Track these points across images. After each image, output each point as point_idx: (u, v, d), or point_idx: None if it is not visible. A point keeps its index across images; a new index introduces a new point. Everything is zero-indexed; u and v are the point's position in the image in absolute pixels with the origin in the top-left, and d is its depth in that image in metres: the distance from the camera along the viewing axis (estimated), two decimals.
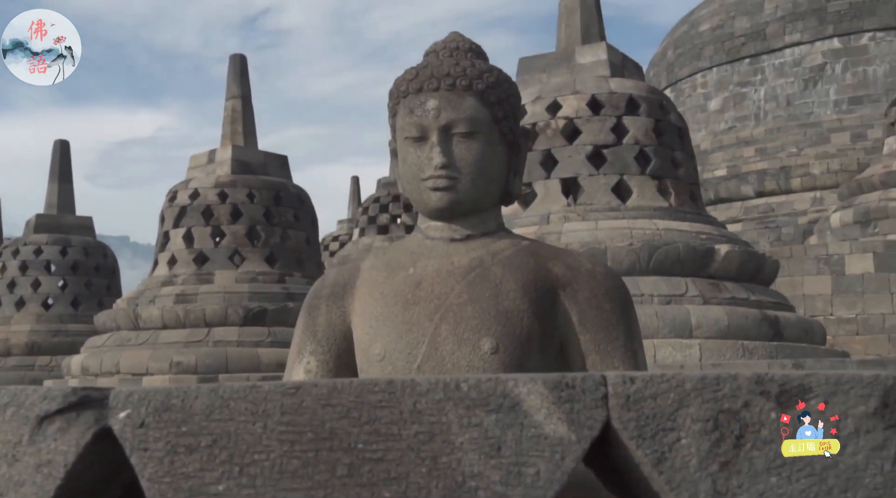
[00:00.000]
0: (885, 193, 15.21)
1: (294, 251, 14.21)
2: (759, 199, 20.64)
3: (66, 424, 1.19)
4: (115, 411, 1.18)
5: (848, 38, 22.10)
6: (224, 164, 14.40)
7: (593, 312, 2.48)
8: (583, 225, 9.75)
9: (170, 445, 1.13)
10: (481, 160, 2.55)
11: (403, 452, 1.08)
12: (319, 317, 2.70)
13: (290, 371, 2.72)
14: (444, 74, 2.60)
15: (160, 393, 1.16)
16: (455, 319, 2.45)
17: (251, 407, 1.13)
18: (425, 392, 1.09)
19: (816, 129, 21.38)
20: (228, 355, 12.92)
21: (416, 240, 2.69)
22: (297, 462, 1.10)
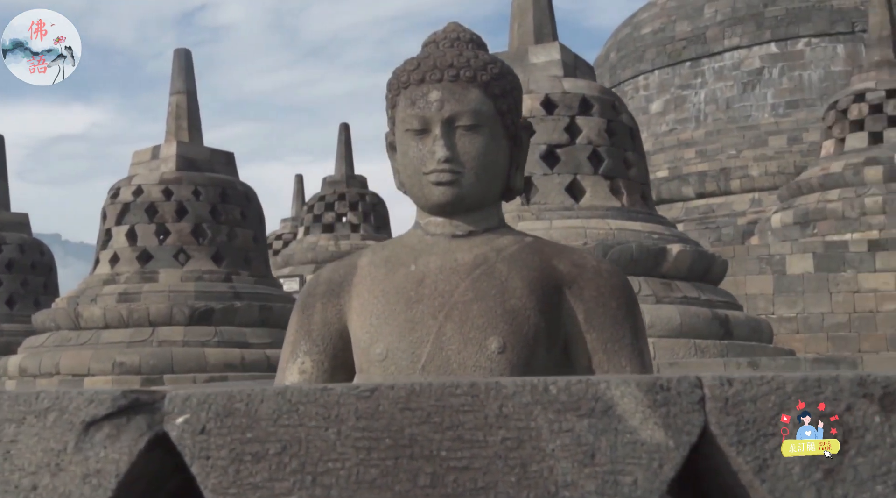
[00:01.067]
0: (824, 195, 15.53)
1: (241, 250, 13.99)
2: (699, 200, 20.94)
3: (116, 431, 1.10)
4: (171, 416, 1.10)
5: (785, 43, 22.54)
6: (169, 160, 14.11)
7: (600, 311, 2.44)
8: (537, 224, 9.75)
9: (234, 453, 1.06)
10: (485, 154, 2.49)
11: (490, 460, 1.02)
12: (314, 315, 2.62)
13: (284, 371, 2.64)
14: (447, 65, 2.53)
15: (221, 396, 1.09)
16: (461, 318, 2.39)
17: (322, 411, 1.06)
18: (511, 395, 1.04)
19: (754, 131, 21.76)
20: (174, 355, 12.67)
21: (416, 236, 2.62)
22: (375, 471, 1.03)
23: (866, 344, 14.07)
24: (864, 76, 16.28)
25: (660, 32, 23.52)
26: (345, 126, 21.50)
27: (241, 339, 13.14)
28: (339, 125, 21.45)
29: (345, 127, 21.49)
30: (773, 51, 22.32)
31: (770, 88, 22.17)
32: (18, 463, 1.12)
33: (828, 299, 14.14)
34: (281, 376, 2.65)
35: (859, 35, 22.13)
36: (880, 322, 14.04)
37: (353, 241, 19.97)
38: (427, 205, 2.55)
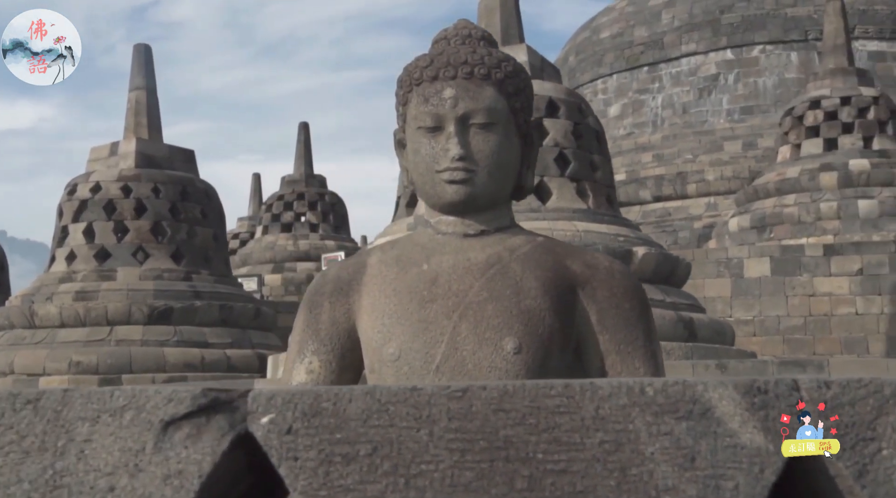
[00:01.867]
0: (780, 200, 15.77)
1: (201, 248, 13.82)
2: (656, 204, 21.15)
3: (197, 430, 1.07)
4: (255, 415, 1.07)
5: (740, 49, 22.88)
6: (128, 157, 13.90)
7: (613, 312, 2.44)
8: None
9: (323, 454, 1.03)
10: (499, 152, 2.48)
11: (589, 463, 1.00)
12: (322, 314, 2.59)
13: (291, 371, 2.60)
14: (461, 62, 2.51)
15: (307, 395, 1.06)
16: (475, 318, 2.37)
17: (414, 412, 1.03)
18: (607, 396, 1.02)
19: (710, 136, 22.04)
20: (132, 355, 12.49)
21: (427, 234, 2.60)
22: (470, 474, 1.01)
23: (821, 347, 14.32)
24: (820, 84, 16.57)
25: (618, 37, 23.72)
26: (304, 125, 21.36)
27: (200, 338, 12.99)
28: (299, 124, 21.32)
29: (304, 126, 21.35)
30: (729, 57, 22.63)
31: (726, 94, 22.48)
32: (94, 463, 1.08)
33: (784, 303, 14.37)
34: (287, 377, 2.61)
35: (812, 43, 22.54)
36: (834, 325, 14.30)
37: (312, 241, 19.85)
38: (439, 203, 2.53)
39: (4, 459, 1.11)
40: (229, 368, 12.81)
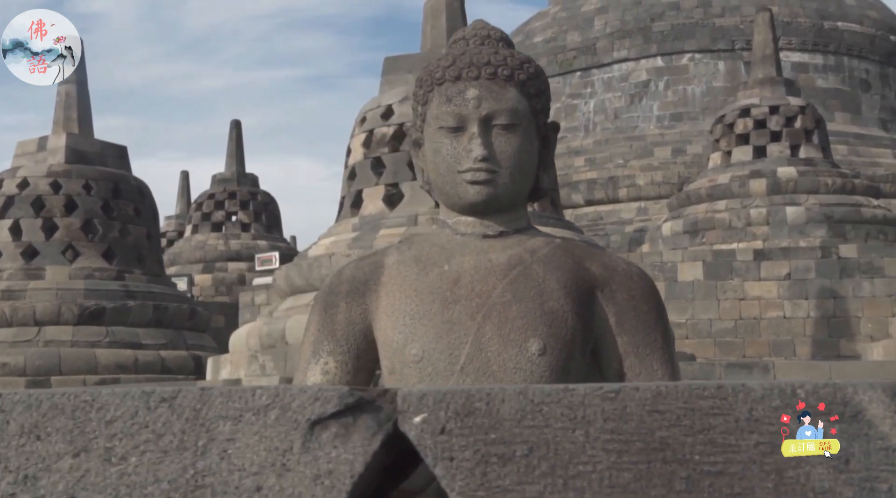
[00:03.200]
0: (712, 206, 16.13)
1: (134, 247, 13.52)
2: (588, 208, 21.44)
3: (345, 430, 1.04)
4: (406, 415, 1.05)
5: (670, 57, 23.34)
6: (57, 152, 13.51)
7: (632, 314, 2.46)
8: None
9: (479, 455, 1.02)
10: (520, 154, 2.48)
11: (745, 465, 1.01)
12: (338, 315, 2.55)
13: (305, 372, 2.56)
14: (483, 62, 2.51)
15: (458, 395, 1.04)
16: (500, 319, 2.37)
17: (568, 412, 1.03)
18: (760, 398, 1.03)
19: (641, 142, 22.43)
20: (62, 356, 12.14)
21: (444, 235, 2.58)
22: (628, 475, 1.01)
23: (750, 349, 14.69)
24: (749, 92, 17.00)
25: (551, 41, 23.98)
26: (236, 123, 21.09)
27: (133, 339, 12.70)
28: (230, 122, 21.05)
29: (236, 124, 21.08)
30: (660, 64, 23.06)
31: (656, 101, 22.90)
32: (238, 463, 1.05)
33: (716, 306, 14.70)
34: (301, 378, 2.57)
35: (739, 53, 23.12)
36: (763, 328, 14.69)
37: (244, 241, 19.60)
38: (459, 204, 2.52)
39: (140, 459, 1.07)
40: (163, 370, 12.56)
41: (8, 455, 1.11)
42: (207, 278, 19.21)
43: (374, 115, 10.65)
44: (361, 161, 10.57)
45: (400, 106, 10.44)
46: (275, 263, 17.25)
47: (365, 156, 10.53)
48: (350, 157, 10.84)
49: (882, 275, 15.07)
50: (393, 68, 11.15)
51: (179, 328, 13.35)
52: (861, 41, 24.76)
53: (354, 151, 10.73)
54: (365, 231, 10.10)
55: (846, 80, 24.55)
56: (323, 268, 9.83)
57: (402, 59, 11.25)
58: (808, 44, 24.19)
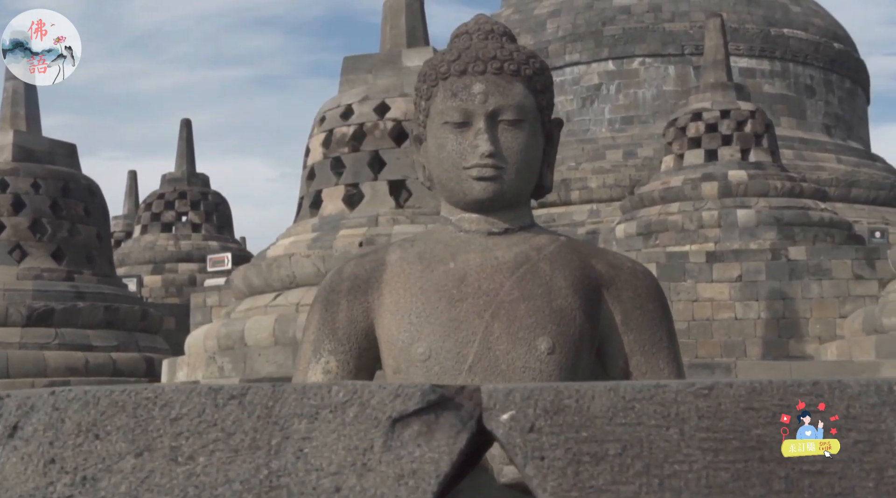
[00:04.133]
0: (665, 208, 16.30)
1: (84, 247, 13.23)
2: (541, 210, 21.51)
3: (427, 428, 1.00)
4: (492, 412, 1.00)
5: (621, 61, 23.55)
6: (4, 149, 13.18)
7: (637, 312, 2.44)
8: (413, 228, 9.75)
9: (571, 454, 0.98)
10: (526, 150, 2.45)
11: (845, 464, 0.99)
12: (339, 313, 2.49)
13: (305, 372, 2.50)
14: (490, 57, 2.47)
15: (547, 391, 1.00)
16: (508, 317, 2.34)
17: (661, 410, 0.99)
18: (857, 395, 1.01)
19: (593, 145, 22.60)
20: (10, 358, 11.84)
21: (448, 232, 2.54)
22: (725, 474, 0.98)
23: (702, 350, 14.85)
24: (701, 97, 17.21)
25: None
26: (186, 122, 20.79)
27: (84, 341, 12.43)
28: (181, 121, 20.73)
29: (186, 123, 20.78)
30: (611, 68, 23.25)
31: (607, 104, 23.09)
32: (315, 462, 0.99)
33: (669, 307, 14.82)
34: (302, 377, 2.50)
35: (688, 58, 23.42)
36: (715, 330, 14.87)
37: (195, 242, 19.32)
38: (464, 200, 2.47)
39: (209, 459, 1.01)
40: (115, 373, 12.31)
41: (64, 455, 1.04)
42: (157, 279, 18.90)
43: (333, 115, 10.56)
44: (321, 161, 10.48)
45: (360, 106, 10.37)
46: (227, 264, 17.02)
47: (324, 156, 10.44)
48: (309, 157, 10.74)
49: (829, 277, 15.34)
50: (352, 68, 11.07)
51: (131, 330, 13.10)
52: (806, 48, 25.25)
53: (313, 151, 10.63)
54: (325, 231, 10.02)
55: (792, 86, 25.02)
56: (282, 268, 9.72)
57: (362, 59, 11.18)
58: (756, 50, 24.60)
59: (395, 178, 10.20)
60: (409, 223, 9.87)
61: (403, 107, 10.32)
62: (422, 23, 11.38)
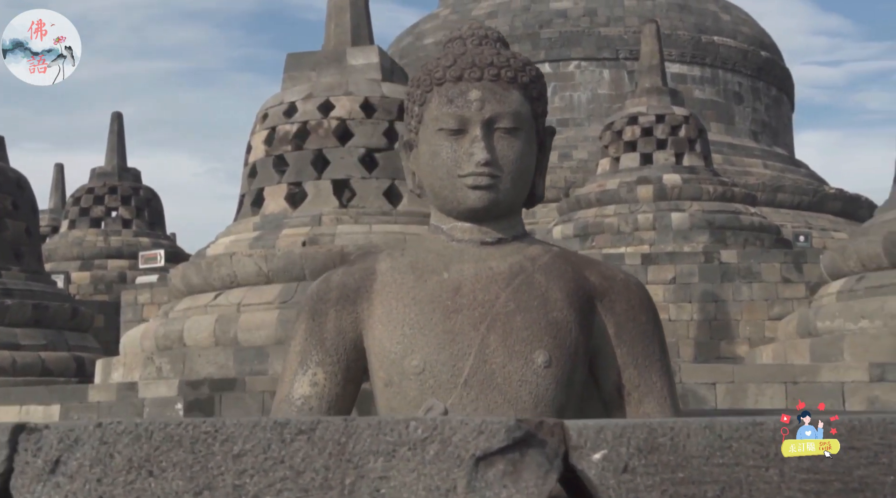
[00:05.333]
0: (601, 210, 16.44)
1: (12, 242, 12.79)
2: None
3: (513, 467, 0.94)
4: (582, 451, 0.95)
5: (557, 64, 23.73)
6: None
7: (630, 325, 2.42)
8: (357, 228, 9.64)
9: (667, 495, 0.93)
10: (522, 158, 2.41)
11: None
12: (327, 323, 2.42)
13: (291, 383, 2.41)
14: (486, 63, 2.42)
15: (640, 429, 0.95)
16: (504, 330, 2.29)
17: (759, 449, 0.95)
18: None
19: None
20: None
21: (439, 241, 2.48)
22: None
23: None
24: (637, 101, 17.41)
25: (441, 44, 24.00)
26: (117, 115, 20.27)
27: (11, 340, 12.02)
28: (112, 114, 20.22)
29: (117, 116, 20.26)
30: (547, 70, 23.37)
31: None
32: None
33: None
34: (287, 389, 2.42)
35: (622, 62, 23.69)
36: None
37: (125, 238, 18.85)
38: (458, 209, 2.42)
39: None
40: (44, 372, 11.93)
41: (114, 493, 0.96)
42: (85, 276, 18.39)
43: (276, 112, 10.37)
44: (263, 159, 10.28)
45: (304, 103, 10.21)
46: (160, 261, 16.65)
47: (267, 153, 10.25)
48: (251, 155, 10.53)
49: (759, 280, 15.65)
50: (296, 65, 10.89)
51: (60, 328, 12.71)
52: (735, 55, 25.76)
53: (255, 149, 10.43)
54: (267, 230, 9.83)
55: (721, 92, 25.51)
56: (223, 267, 9.51)
57: (306, 56, 11.01)
58: (687, 56, 25.01)
59: (339, 178, 10.07)
60: (353, 223, 9.75)
61: (348, 105, 10.20)
62: (367, 21, 11.26)
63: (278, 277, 9.35)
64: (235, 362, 8.90)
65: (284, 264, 9.32)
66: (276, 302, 9.18)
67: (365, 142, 10.07)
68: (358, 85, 10.39)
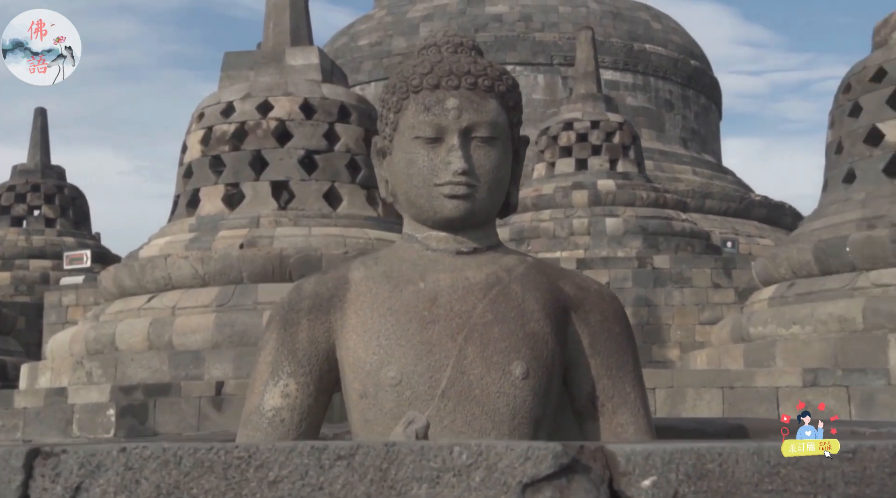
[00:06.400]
0: (537, 215, 16.55)
1: None
2: None
3: (560, 494, 0.90)
4: (631, 477, 0.92)
5: None
6: None
7: (604, 336, 2.41)
8: (296, 230, 9.52)
9: None
10: (499, 168, 2.39)
11: None
12: (299, 333, 2.36)
13: (262, 394, 2.35)
14: (464, 72, 2.39)
15: (688, 454, 0.93)
16: (482, 341, 2.26)
17: (807, 475, 0.93)
18: None
19: None
20: None
21: (414, 250, 2.44)
22: None
23: None
24: (572, 107, 17.57)
25: (376, 45, 23.92)
26: (41, 110, 19.74)
27: None
28: (35, 110, 19.70)
29: (41, 111, 19.73)
30: None
31: None
32: None
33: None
34: (257, 400, 2.35)
35: (557, 68, 23.90)
36: None
37: (48, 237, 18.34)
38: (434, 218, 2.38)
39: None
40: None
41: None
42: (6, 276, 17.84)
43: (213, 112, 10.20)
44: (199, 159, 10.09)
45: (242, 103, 10.05)
46: (86, 262, 16.23)
47: (203, 153, 10.06)
48: (186, 154, 10.33)
49: (690, 285, 15.92)
50: (234, 64, 10.72)
51: None
52: (666, 63, 26.19)
53: (191, 148, 10.23)
54: (203, 232, 9.65)
55: (653, 100, 25.91)
56: (157, 269, 9.30)
57: (244, 55, 10.85)
58: (620, 63, 25.34)
59: (278, 179, 9.93)
60: (293, 225, 9.63)
61: (287, 106, 10.07)
62: (306, 21, 11.14)
63: (215, 280, 9.18)
64: (170, 367, 8.71)
65: (222, 267, 9.16)
66: (213, 305, 9.01)
67: (304, 143, 9.96)
68: (297, 85, 10.27)
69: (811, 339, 8.91)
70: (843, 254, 9.18)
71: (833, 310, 8.85)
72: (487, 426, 2.19)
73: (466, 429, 2.19)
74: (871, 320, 8.56)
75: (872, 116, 9.86)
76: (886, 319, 8.48)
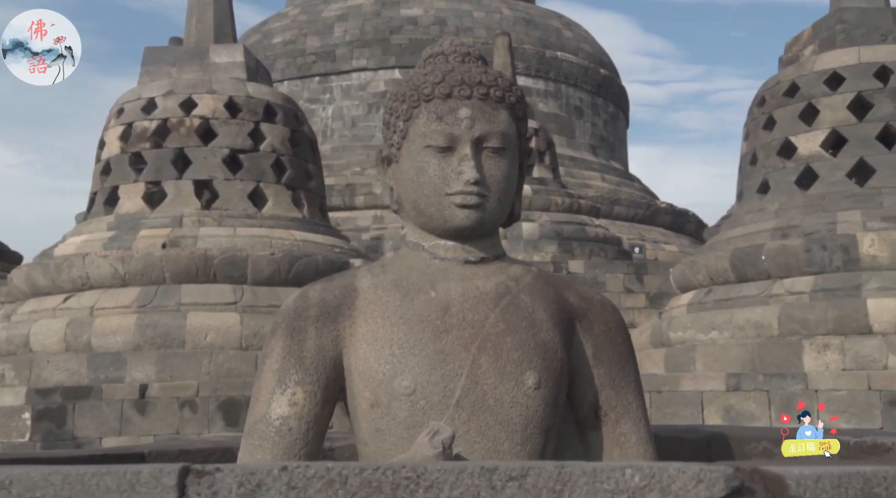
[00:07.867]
0: None
1: None
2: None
3: None
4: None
5: (407, 70, 23.77)
6: None
7: (608, 346, 2.44)
8: (220, 231, 9.34)
9: None
10: (508, 178, 2.41)
11: None
12: (307, 341, 2.32)
13: (268, 403, 2.30)
14: (475, 82, 2.39)
15: (855, 478, 0.94)
16: (495, 351, 2.26)
17: None
18: None
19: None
20: None
21: (422, 259, 2.43)
22: None
23: None
24: None
25: (290, 44, 23.66)
26: None
27: None
28: None
29: None
30: (397, 76, 23.44)
31: None
32: None
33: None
34: (263, 408, 2.30)
35: None
36: None
37: None
38: (444, 227, 2.38)
39: None
40: None
41: None
42: None
43: (133, 108, 9.93)
44: (118, 155, 9.81)
45: (164, 100, 9.81)
46: None
47: (122, 150, 9.79)
48: (104, 151, 10.03)
49: (604, 289, 16.19)
50: (155, 60, 10.45)
51: None
52: (577, 71, 26.63)
53: (109, 144, 9.93)
54: (123, 230, 9.38)
55: (563, 107, 26.32)
56: (74, 269, 9.00)
57: (166, 51, 10.60)
58: (532, 69, 25.65)
59: (201, 178, 9.74)
60: (217, 225, 9.45)
61: (212, 104, 9.88)
62: (230, 19, 10.95)
63: (136, 280, 8.94)
64: (89, 369, 8.44)
65: (143, 266, 8.92)
66: (135, 306, 8.77)
67: (229, 142, 9.79)
68: (222, 83, 10.09)
69: (730, 344, 9.17)
70: (758, 262, 9.49)
71: (750, 316, 9.14)
72: (501, 436, 2.19)
73: (480, 438, 2.19)
74: (786, 326, 8.87)
75: (786, 130, 10.22)
76: (800, 325, 8.80)
